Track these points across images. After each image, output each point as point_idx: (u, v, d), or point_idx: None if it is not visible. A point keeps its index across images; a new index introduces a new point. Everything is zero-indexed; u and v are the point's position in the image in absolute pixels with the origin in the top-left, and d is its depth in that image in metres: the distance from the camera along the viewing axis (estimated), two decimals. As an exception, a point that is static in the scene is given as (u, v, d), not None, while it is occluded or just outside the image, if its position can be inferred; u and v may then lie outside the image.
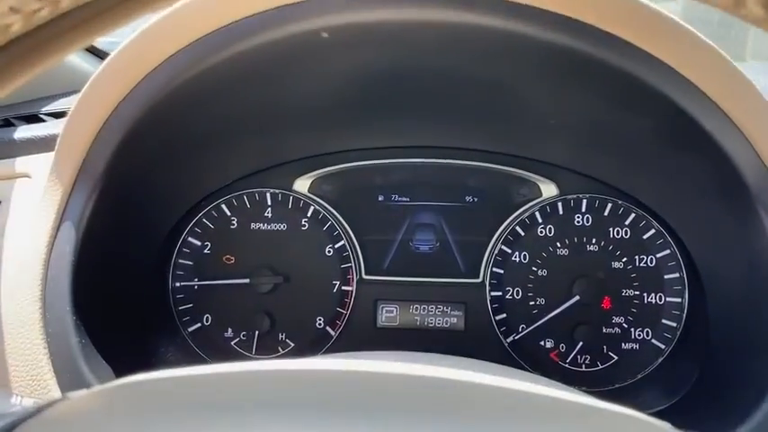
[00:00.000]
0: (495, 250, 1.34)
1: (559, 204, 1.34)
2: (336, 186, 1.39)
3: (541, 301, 1.32)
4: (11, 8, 0.39)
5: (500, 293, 1.33)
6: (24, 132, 1.26)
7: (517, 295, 1.33)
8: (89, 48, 1.73)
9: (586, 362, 1.31)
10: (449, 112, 1.23)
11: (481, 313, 1.33)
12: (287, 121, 1.23)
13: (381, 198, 1.39)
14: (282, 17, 0.89)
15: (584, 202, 1.33)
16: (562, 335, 1.31)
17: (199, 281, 1.36)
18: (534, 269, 1.33)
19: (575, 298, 1.29)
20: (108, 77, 0.97)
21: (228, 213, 1.38)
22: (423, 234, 1.38)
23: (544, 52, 0.87)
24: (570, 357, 1.31)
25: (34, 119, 1.38)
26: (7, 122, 1.35)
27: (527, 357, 1.31)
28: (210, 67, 0.94)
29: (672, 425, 0.50)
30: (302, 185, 1.38)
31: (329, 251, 1.37)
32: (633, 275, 1.30)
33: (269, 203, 1.38)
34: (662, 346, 1.28)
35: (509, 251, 1.34)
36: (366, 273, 1.36)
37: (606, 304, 1.30)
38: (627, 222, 1.31)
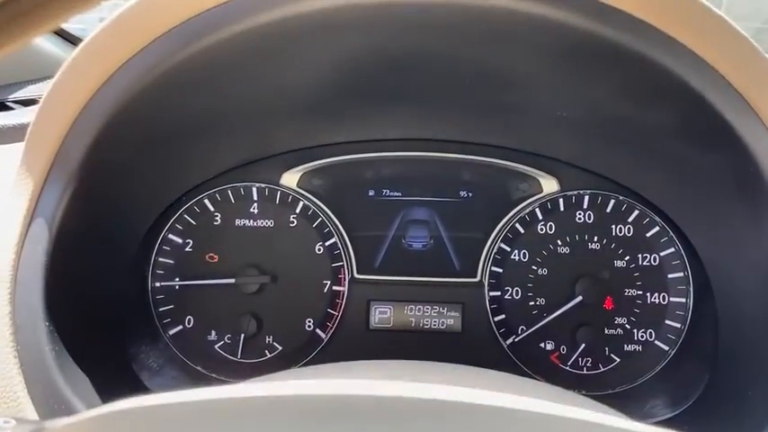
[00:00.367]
0: (493, 248, 1.30)
1: (560, 200, 1.30)
2: (327, 180, 1.33)
3: (542, 302, 1.28)
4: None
5: (499, 293, 1.29)
6: (-10, 121, 1.17)
7: (517, 295, 1.29)
8: (58, 31, 1.63)
9: (588, 364, 1.27)
10: (448, 103, 1.17)
11: (479, 314, 1.28)
12: (274, 112, 1.16)
13: (372, 193, 1.34)
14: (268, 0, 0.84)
15: (585, 199, 1.29)
16: (563, 336, 1.27)
17: (180, 281, 1.30)
18: (534, 268, 1.29)
19: (578, 298, 1.25)
20: (85, 62, 0.89)
21: (212, 209, 1.32)
22: (415, 231, 1.33)
23: (566, 38, 0.82)
24: (572, 360, 1.27)
25: (1, 107, 1.30)
26: (-29, 110, 1.27)
27: (527, 360, 1.28)
28: (195, 54, 0.88)
29: None
30: (290, 180, 1.32)
31: (319, 249, 1.31)
32: (636, 274, 1.27)
33: (255, 198, 1.32)
34: (665, 348, 1.25)
35: (508, 249, 1.29)
36: (358, 272, 1.30)
37: (608, 304, 1.27)
38: (630, 219, 1.28)
